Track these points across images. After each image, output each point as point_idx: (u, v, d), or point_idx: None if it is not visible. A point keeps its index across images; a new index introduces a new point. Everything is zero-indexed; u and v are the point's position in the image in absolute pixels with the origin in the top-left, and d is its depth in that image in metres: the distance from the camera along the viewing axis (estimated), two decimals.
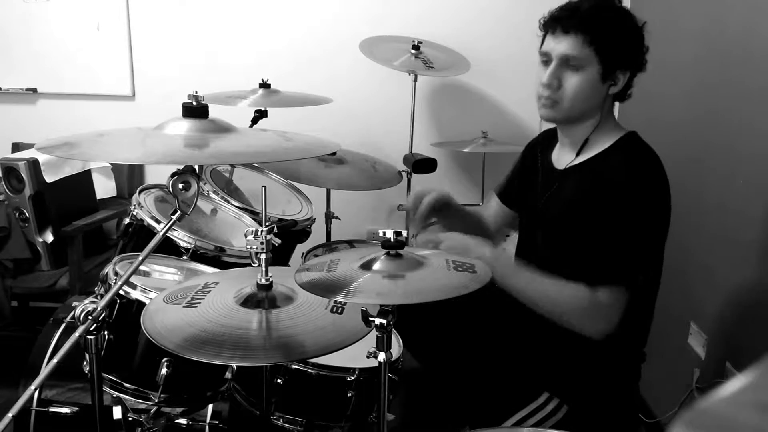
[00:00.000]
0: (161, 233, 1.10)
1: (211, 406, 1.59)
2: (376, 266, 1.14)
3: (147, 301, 1.37)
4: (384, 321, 1.11)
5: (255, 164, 2.34)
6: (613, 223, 1.41)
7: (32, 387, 1.05)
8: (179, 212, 1.08)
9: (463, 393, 1.62)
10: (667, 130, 2.19)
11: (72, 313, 1.11)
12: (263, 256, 1.16)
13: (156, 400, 1.45)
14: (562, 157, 1.60)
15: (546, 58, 1.48)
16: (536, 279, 1.45)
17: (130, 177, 2.95)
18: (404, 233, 1.16)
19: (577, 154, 1.55)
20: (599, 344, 1.43)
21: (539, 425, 1.45)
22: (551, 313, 1.42)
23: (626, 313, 1.41)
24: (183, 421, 1.52)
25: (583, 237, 1.45)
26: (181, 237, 1.71)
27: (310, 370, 1.51)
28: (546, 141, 1.70)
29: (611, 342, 1.44)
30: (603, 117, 1.51)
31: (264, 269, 1.18)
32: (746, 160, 1.73)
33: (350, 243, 2.51)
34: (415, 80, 2.57)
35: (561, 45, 1.43)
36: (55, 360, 1.05)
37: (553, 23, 1.45)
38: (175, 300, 1.20)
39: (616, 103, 1.57)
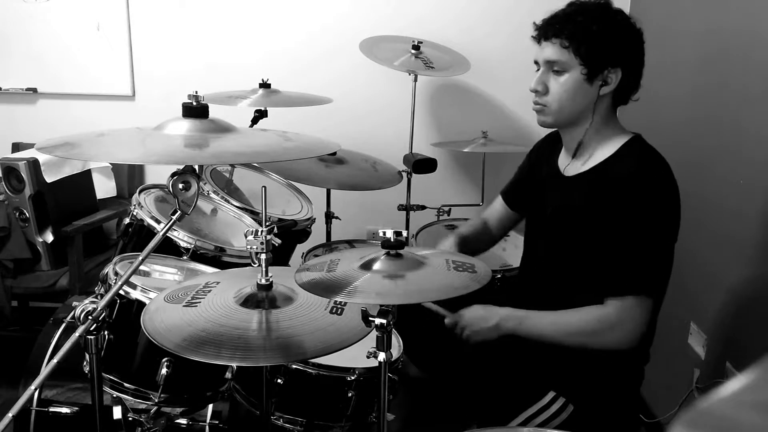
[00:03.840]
0: (161, 233, 1.10)
1: (211, 406, 1.59)
2: (376, 266, 1.14)
3: (147, 301, 1.37)
4: (384, 321, 1.11)
5: (255, 164, 2.34)
6: (626, 231, 1.41)
7: (32, 387, 1.05)
8: (179, 212, 1.08)
9: (467, 392, 1.62)
10: (668, 130, 2.19)
11: (72, 313, 1.11)
12: (263, 256, 1.16)
13: (156, 400, 1.45)
14: (566, 161, 1.60)
15: (537, 67, 1.53)
16: (547, 319, 1.49)
17: (130, 177, 2.95)
18: (404, 233, 1.16)
19: (573, 156, 1.55)
20: None
21: (545, 425, 1.45)
22: (572, 344, 1.46)
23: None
24: (183, 421, 1.52)
25: (594, 246, 1.45)
26: (181, 237, 1.71)
27: (310, 370, 1.51)
28: (551, 144, 1.69)
29: None
30: (600, 119, 1.50)
31: (264, 269, 1.18)
32: (747, 161, 1.73)
33: (350, 243, 2.51)
34: (415, 80, 2.57)
35: (544, 52, 1.49)
36: (55, 360, 1.05)
37: (537, 33, 1.51)
38: (175, 299, 1.20)
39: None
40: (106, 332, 1.16)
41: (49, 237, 2.40)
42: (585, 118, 1.50)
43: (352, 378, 1.51)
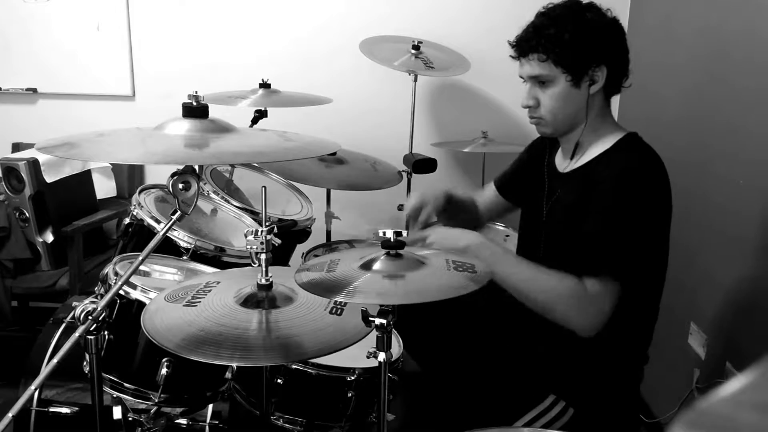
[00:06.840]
0: (161, 233, 1.10)
1: (211, 406, 1.59)
2: (376, 266, 1.14)
3: (147, 301, 1.37)
4: (384, 321, 1.11)
5: (255, 164, 2.34)
6: (603, 214, 1.40)
7: (32, 387, 1.05)
8: (179, 212, 1.08)
9: (466, 394, 1.62)
10: (667, 130, 2.19)
11: (72, 313, 1.11)
12: (263, 256, 1.16)
13: (156, 400, 1.45)
14: (563, 162, 1.60)
15: (523, 80, 1.54)
16: (522, 264, 1.45)
17: (130, 177, 2.95)
18: (404, 233, 1.16)
19: (572, 157, 1.55)
20: (604, 345, 1.42)
21: (546, 428, 1.44)
22: (537, 302, 1.41)
23: (629, 314, 1.41)
24: (183, 421, 1.52)
25: (579, 236, 1.45)
26: (181, 237, 1.71)
27: (310, 370, 1.51)
28: (550, 142, 1.70)
29: (615, 342, 1.44)
30: (595, 115, 1.51)
31: (264, 269, 1.18)
32: (746, 160, 1.73)
33: (350, 243, 2.51)
34: (415, 80, 2.57)
35: (525, 68, 1.50)
36: (55, 360, 1.05)
37: (514, 51, 1.52)
38: (175, 299, 1.21)
39: (616, 105, 1.57)
40: (106, 332, 1.16)
41: (49, 237, 2.40)
42: (581, 119, 1.51)
43: (352, 378, 1.51)
